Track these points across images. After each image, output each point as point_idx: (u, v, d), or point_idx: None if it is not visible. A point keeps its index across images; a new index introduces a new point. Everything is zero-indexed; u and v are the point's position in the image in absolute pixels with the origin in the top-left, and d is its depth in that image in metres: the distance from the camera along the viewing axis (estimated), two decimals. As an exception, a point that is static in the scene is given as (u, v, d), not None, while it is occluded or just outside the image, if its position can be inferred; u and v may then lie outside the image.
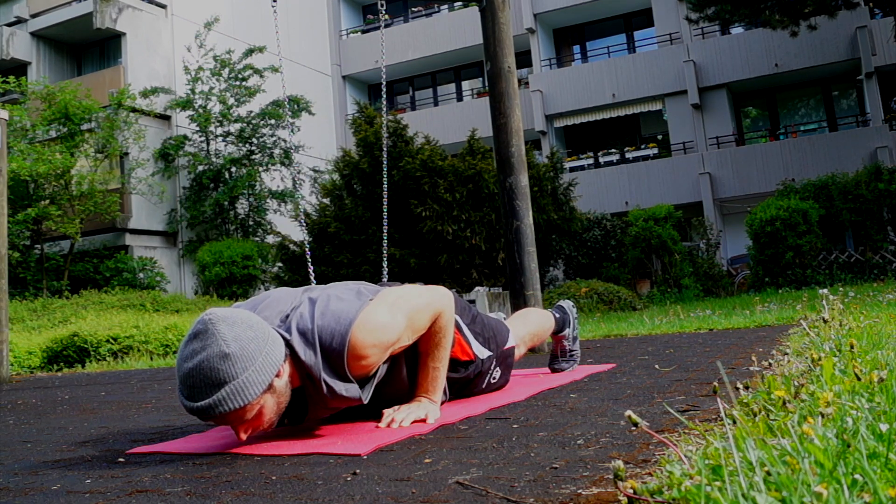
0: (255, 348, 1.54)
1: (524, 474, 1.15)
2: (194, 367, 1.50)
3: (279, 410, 1.62)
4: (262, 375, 1.54)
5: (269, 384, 1.55)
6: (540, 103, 20.30)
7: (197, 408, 1.50)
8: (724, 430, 1.18)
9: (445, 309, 1.85)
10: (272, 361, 1.57)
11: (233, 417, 1.53)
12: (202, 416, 1.52)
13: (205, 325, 1.54)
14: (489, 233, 11.15)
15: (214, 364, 1.49)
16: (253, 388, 1.52)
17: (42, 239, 15.75)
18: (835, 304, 3.45)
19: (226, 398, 1.49)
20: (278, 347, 1.60)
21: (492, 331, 2.26)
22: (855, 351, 1.76)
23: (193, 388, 1.50)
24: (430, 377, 1.86)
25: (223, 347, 1.50)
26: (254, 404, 1.54)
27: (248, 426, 1.57)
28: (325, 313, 1.68)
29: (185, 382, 1.51)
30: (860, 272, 12.41)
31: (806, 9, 14.75)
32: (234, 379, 1.50)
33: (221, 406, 1.49)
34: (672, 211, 14.14)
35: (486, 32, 4.32)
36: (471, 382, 2.20)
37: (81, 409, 3.00)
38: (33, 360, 8.31)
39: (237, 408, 1.51)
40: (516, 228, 4.15)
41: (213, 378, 1.49)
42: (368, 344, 1.66)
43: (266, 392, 1.56)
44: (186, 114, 17.55)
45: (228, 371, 1.49)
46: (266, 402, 1.57)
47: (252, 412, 1.55)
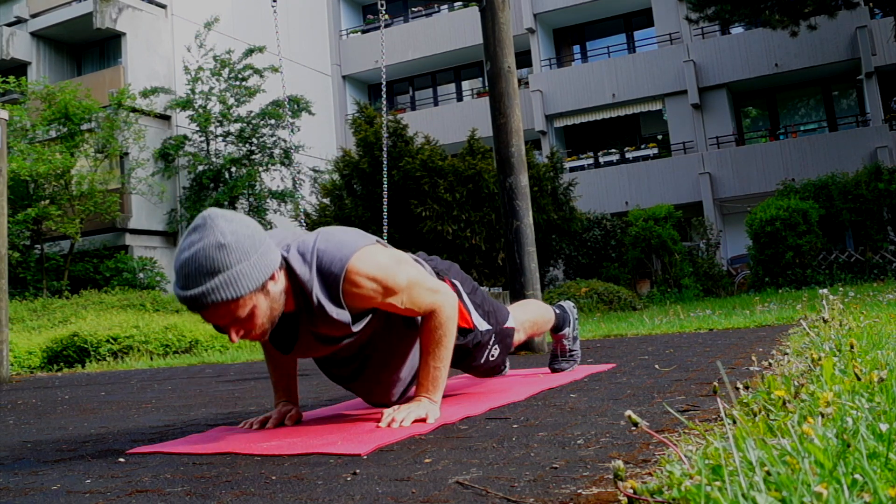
0: (251, 245, 1.57)
1: (524, 474, 1.15)
2: (190, 256, 1.53)
3: (272, 318, 1.64)
4: (257, 272, 1.56)
5: (263, 283, 1.58)
6: (540, 103, 20.30)
7: (190, 296, 1.51)
8: (724, 429, 1.18)
9: (446, 304, 1.85)
10: (267, 262, 1.60)
11: (224, 312, 1.54)
12: (195, 306, 1.53)
13: (203, 219, 1.57)
14: (489, 233, 11.15)
15: (210, 253, 1.52)
16: (246, 281, 1.54)
17: (42, 239, 15.75)
18: (835, 304, 3.45)
19: (219, 287, 1.51)
20: (274, 253, 1.64)
21: (492, 306, 2.27)
22: (855, 351, 1.76)
23: (188, 277, 1.52)
24: (430, 376, 1.86)
25: (220, 238, 1.53)
26: (246, 300, 1.55)
27: (239, 327, 1.59)
28: (328, 240, 1.74)
29: (181, 272, 1.54)
30: (860, 272, 12.41)
31: (806, 9, 14.75)
32: (228, 268, 1.52)
33: (214, 294, 1.51)
34: (672, 211, 14.14)
35: (486, 32, 4.32)
36: (469, 354, 2.19)
37: (81, 409, 3.00)
38: (33, 360, 8.31)
39: (229, 298, 1.52)
40: (516, 228, 4.15)
41: (207, 266, 1.51)
42: (365, 273, 1.70)
43: (260, 291, 1.58)
44: (186, 114, 17.56)
45: (223, 260, 1.52)
46: (259, 303, 1.58)
47: (244, 309, 1.56)
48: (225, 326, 1.59)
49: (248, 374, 4.66)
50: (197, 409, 2.65)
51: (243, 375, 4.54)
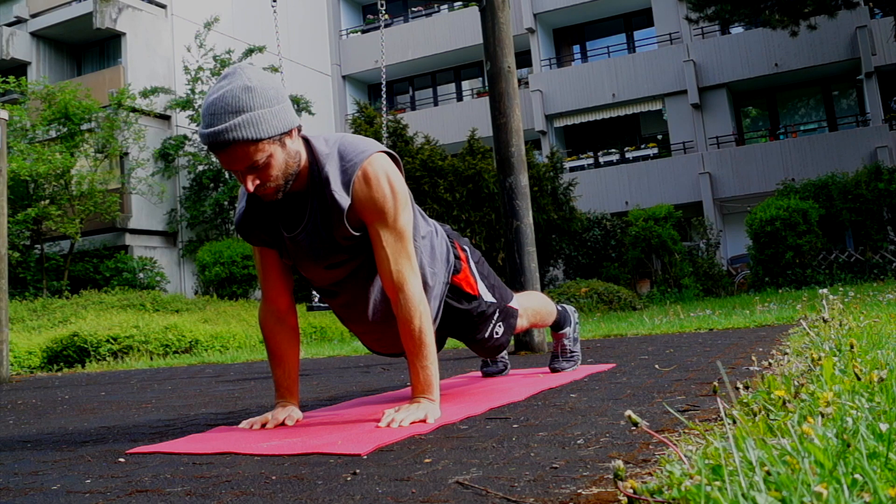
0: (275, 95, 1.67)
1: (524, 474, 1.15)
2: (218, 97, 1.62)
3: (286, 175, 1.71)
4: (278, 121, 1.65)
5: (281, 134, 1.66)
6: (540, 103, 20.30)
7: (213, 131, 1.60)
8: (724, 429, 1.18)
9: (417, 289, 1.83)
10: (288, 117, 1.69)
11: (243, 153, 1.62)
12: (216, 142, 1.61)
13: (233, 69, 1.68)
14: (489, 233, 11.15)
15: (237, 93, 1.62)
16: (268, 125, 1.63)
17: (42, 239, 15.75)
18: (835, 304, 3.45)
19: (241, 125, 1.60)
20: (294, 115, 1.72)
21: (497, 281, 2.30)
22: (855, 351, 1.76)
23: (214, 115, 1.61)
24: (421, 377, 1.85)
25: (247, 82, 1.64)
26: (265, 144, 1.63)
27: (256, 176, 1.66)
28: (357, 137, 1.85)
29: (207, 111, 1.63)
30: (860, 272, 12.41)
31: (806, 8, 14.75)
32: (252, 110, 1.61)
33: (236, 131, 1.59)
34: (672, 211, 14.14)
35: (486, 32, 4.32)
36: (473, 325, 2.19)
37: (81, 409, 3.00)
38: (33, 360, 8.31)
39: (249, 138, 1.60)
40: (516, 228, 4.15)
41: (233, 105, 1.61)
42: (382, 173, 1.78)
43: (277, 142, 1.66)
44: (186, 114, 17.56)
45: (248, 101, 1.62)
46: (276, 153, 1.66)
47: (262, 154, 1.64)
48: (241, 172, 1.66)
49: (248, 374, 4.66)
50: (197, 409, 2.65)
51: (243, 375, 4.54)
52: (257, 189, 1.69)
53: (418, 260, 1.94)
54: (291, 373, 2.04)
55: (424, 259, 2.00)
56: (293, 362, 2.05)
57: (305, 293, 3.94)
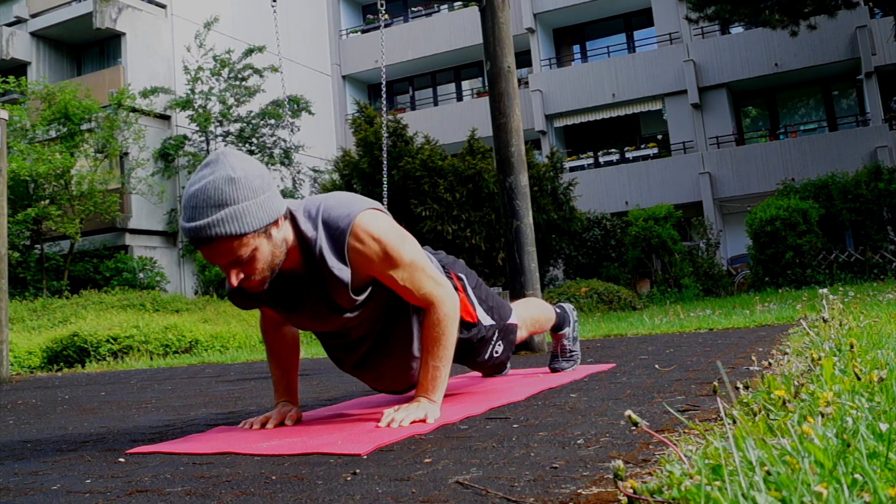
0: (260, 185, 1.58)
1: (524, 474, 1.15)
2: (199, 189, 1.54)
3: (272, 265, 1.64)
4: (263, 212, 1.57)
5: (266, 226, 1.59)
6: (540, 103, 20.30)
7: (195, 226, 1.52)
8: (724, 429, 1.18)
9: (447, 299, 1.84)
10: (274, 206, 1.61)
11: (226, 248, 1.55)
12: (198, 238, 1.53)
13: (216, 156, 1.60)
14: (489, 233, 11.15)
15: (219, 185, 1.54)
16: (252, 219, 1.55)
17: (42, 239, 15.75)
18: (835, 304, 3.45)
19: (224, 220, 1.52)
20: (280, 200, 1.65)
21: (495, 301, 2.27)
22: (855, 350, 1.76)
23: (195, 209, 1.53)
24: (430, 376, 1.85)
25: (230, 172, 1.55)
26: (249, 239, 1.56)
27: (240, 270, 1.59)
28: (337, 199, 1.77)
29: (188, 203, 1.55)
30: (860, 272, 12.41)
31: (806, 8, 14.75)
32: (235, 203, 1.53)
33: (219, 227, 1.52)
34: (672, 211, 14.13)
35: (486, 32, 4.32)
36: (473, 349, 2.19)
37: (81, 409, 3.00)
38: (33, 360, 8.31)
39: (233, 234, 1.53)
40: (516, 228, 4.15)
41: (215, 198, 1.53)
42: (372, 232, 1.71)
43: (263, 234, 1.59)
44: (186, 114, 17.56)
45: (231, 194, 1.53)
46: (261, 246, 1.59)
47: (247, 249, 1.57)
48: (225, 266, 1.59)
49: (248, 374, 4.66)
50: (197, 409, 2.65)
51: (243, 375, 4.54)
52: (241, 283, 1.63)
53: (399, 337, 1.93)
54: (291, 373, 2.04)
55: None
56: (293, 363, 2.05)
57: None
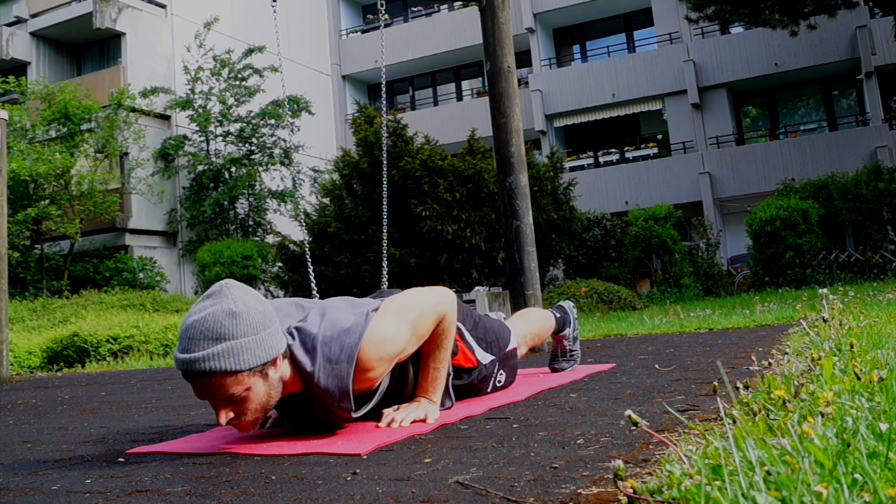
0: (261, 322, 1.53)
1: (524, 474, 1.15)
2: (198, 320, 1.49)
3: (266, 407, 1.58)
4: (261, 351, 1.52)
5: (264, 365, 1.52)
6: (540, 103, 20.29)
7: (189, 358, 1.47)
8: (724, 429, 1.18)
9: (449, 311, 1.85)
10: (273, 344, 1.55)
11: (219, 384, 1.48)
12: (191, 371, 1.47)
13: (220, 287, 1.56)
14: (489, 232, 11.15)
15: (219, 318, 1.49)
16: (249, 357, 1.49)
17: (42, 239, 15.75)
18: (834, 304, 3.45)
19: (220, 354, 1.47)
20: (281, 339, 1.59)
21: (494, 334, 2.26)
22: (855, 350, 1.76)
23: (192, 340, 1.48)
24: (430, 377, 1.86)
25: (232, 306, 1.50)
26: (243, 377, 1.49)
27: (231, 408, 1.53)
28: (332, 325, 1.67)
29: (185, 335, 1.49)
30: (860, 272, 12.41)
31: (806, 8, 14.75)
32: (233, 338, 1.48)
33: (213, 361, 1.46)
34: (672, 210, 14.13)
35: (486, 32, 4.32)
36: (475, 388, 2.20)
37: (81, 409, 3.00)
38: (33, 360, 8.31)
39: (227, 370, 1.47)
40: (516, 228, 4.15)
41: (214, 331, 1.48)
42: (376, 357, 1.65)
43: (258, 373, 1.52)
44: (186, 114, 17.55)
45: (231, 329, 1.48)
46: (256, 386, 1.53)
47: (240, 388, 1.50)
48: (216, 403, 1.52)
49: (248, 373, 4.65)
50: (197, 409, 2.65)
51: (243, 375, 4.53)
52: (230, 422, 1.55)
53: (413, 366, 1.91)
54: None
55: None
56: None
57: (305, 293, 3.94)
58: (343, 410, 1.66)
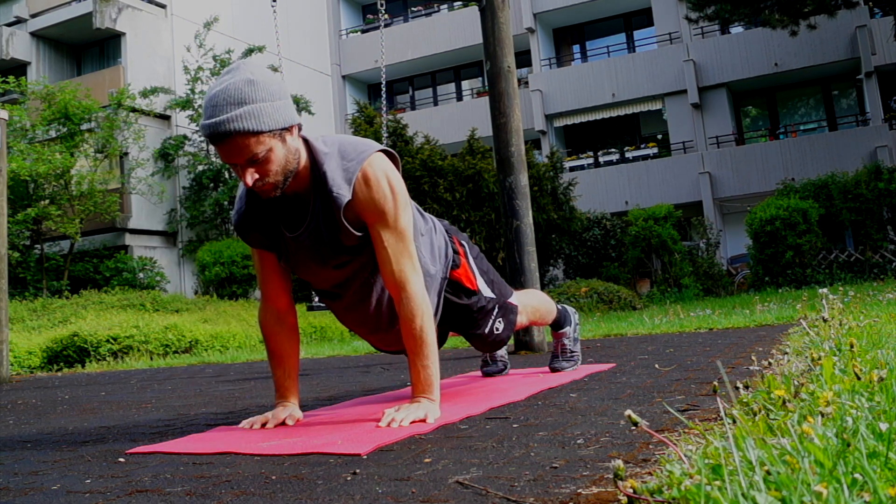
0: (277, 90, 1.68)
1: (524, 474, 1.15)
2: (220, 90, 1.63)
3: (285, 171, 1.71)
4: (280, 115, 1.67)
5: (282, 130, 1.67)
6: (540, 103, 20.29)
7: (214, 122, 1.60)
8: (724, 429, 1.18)
9: (419, 287, 1.84)
10: (290, 113, 1.70)
11: (243, 145, 1.62)
12: (217, 134, 1.61)
13: (237, 63, 1.71)
14: (489, 232, 11.15)
15: (240, 86, 1.63)
16: (269, 118, 1.64)
17: (42, 239, 15.74)
18: (834, 304, 3.45)
19: (243, 115, 1.61)
20: (295, 113, 1.73)
21: (496, 276, 2.31)
22: (855, 350, 1.76)
23: (216, 107, 1.62)
24: (422, 376, 1.85)
25: (249, 75, 1.65)
26: (265, 138, 1.64)
27: (255, 169, 1.66)
28: (357, 139, 1.85)
29: (210, 103, 1.63)
30: (860, 271, 12.41)
31: (806, 8, 14.75)
32: (254, 102, 1.62)
33: (237, 122, 1.60)
34: (672, 210, 14.14)
35: (486, 32, 4.32)
36: (473, 319, 2.20)
37: (81, 409, 3.00)
38: (33, 360, 8.31)
39: (250, 130, 1.61)
40: (516, 228, 4.15)
41: (235, 97, 1.62)
42: (382, 173, 1.79)
43: (278, 136, 1.67)
44: (186, 114, 17.56)
45: (251, 94, 1.63)
46: (276, 148, 1.67)
47: (262, 147, 1.64)
48: (241, 166, 1.66)
49: (248, 374, 4.66)
50: (197, 409, 2.65)
51: (243, 375, 4.54)
52: (255, 184, 1.69)
53: (418, 256, 1.95)
54: (291, 372, 2.04)
55: (424, 255, 2.00)
56: (293, 362, 2.05)
57: (305, 293, 3.96)
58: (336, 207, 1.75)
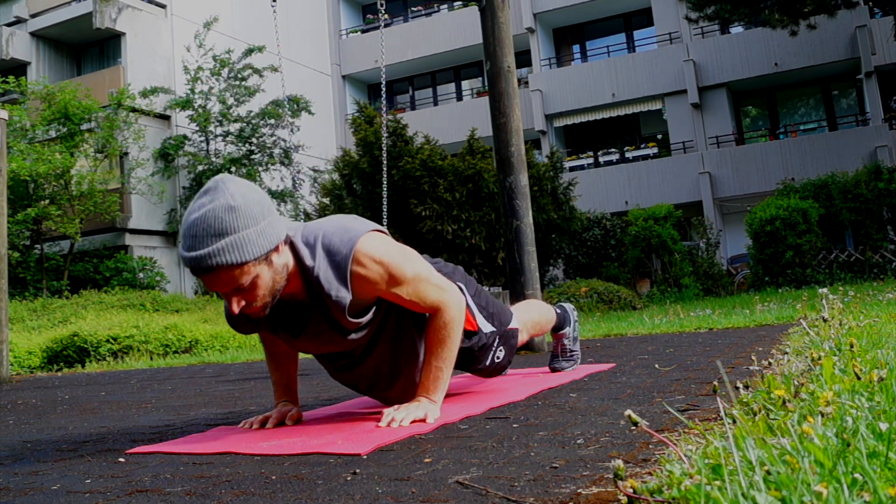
0: (260, 211, 1.58)
1: (524, 474, 1.15)
2: (199, 217, 1.53)
3: (273, 291, 1.63)
4: (263, 240, 1.57)
5: (267, 253, 1.58)
6: (540, 103, 20.29)
7: (195, 256, 1.52)
8: (724, 429, 1.18)
9: (453, 303, 1.84)
10: (274, 232, 1.60)
11: (227, 277, 1.54)
12: (199, 268, 1.53)
13: (215, 183, 1.59)
14: (489, 232, 11.15)
15: (219, 214, 1.53)
16: (252, 247, 1.54)
17: (42, 239, 15.75)
18: (834, 304, 3.45)
19: (224, 249, 1.51)
20: (280, 225, 1.64)
21: (496, 307, 2.27)
22: (855, 350, 1.76)
23: (195, 238, 1.52)
24: (432, 376, 1.85)
25: (230, 201, 1.54)
26: (250, 267, 1.55)
27: (241, 297, 1.59)
28: (335, 224, 1.76)
29: (188, 233, 1.54)
30: (860, 271, 12.41)
31: (806, 8, 14.75)
32: (235, 232, 1.53)
33: (219, 257, 1.51)
34: (672, 210, 14.13)
35: (486, 32, 4.32)
36: (474, 357, 2.19)
37: (81, 409, 3.00)
38: (33, 360, 8.31)
39: (234, 263, 1.52)
40: (516, 228, 4.15)
41: (215, 227, 1.52)
42: (373, 255, 1.70)
43: (264, 262, 1.58)
44: (186, 114, 17.56)
45: (231, 223, 1.53)
46: (262, 273, 1.58)
47: (247, 277, 1.56)
48: (227, 294, 1.59)
49: (248, 374, 4.66)
50: (197, 409, 2.65)
51: (243, 375, 4.54)
52: (243, 310, 1.62)
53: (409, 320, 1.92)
54: (291, 373, 2.04)
55: None
56: (292, 364, 2.05)
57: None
58: (338, 310, 1.69)
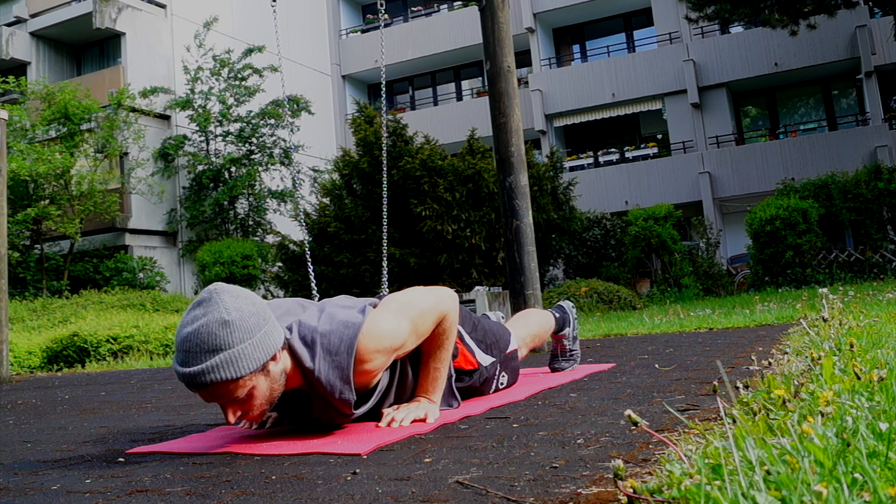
0: (255, 323, 1.54)
1: (524, 474, 1.15)
2: (192, 332, 1.50)
3: (271, 399, 1.60)
4: (259, 352, 1.53)
5: (264, 364, 1.54)
6: (540, 103, 20.29)
7: (189, 373, 1.48)
8: (724, 429, 1.18)
9: (450, 311, 1.85)
10: (270, 342, 1.56)
11: (223, 391, 1.51)
12: (193, 384, 1.50)
13: (209, 293, 1.55)
14: (489, 232, 11.15)
15: (213, 329, 1.49)
16: (248, 361, 1.51)
17: (42, 239, 15.74)
18: (834, 303, 3.45)
19: (219, 366, 1.48)
20: (277, 332, 1.60)
21: (494, 336, 2.26)
22: (855, 350, 1.76)
23: (189, 353, 1.49)
24: (430, 377, 1.87)
25: (224, 315, 1.50)
26: (246, 380, 1.52)
27: (237, 407, 1.55)
28: (331, 319, 1.69)
29: (182, 347, 1.50)
30: (860, 271, 12.41)
31: (805, 8, 14.74)
32: (230, 347, 1.49)
33: (214, 373, 1.48)
34: (672, 210, 14.13)
35: (486, 32, 4.32)
36: (477, 391, 2.20)
37: (81, 409, 3.00)
38: (33, 360, 8.30)
39: (229, 379, 1.49)
40: (516, 228, 4.15)
41: (209, 343, 1.48)
42: (374, 350, 1.66)
43: (260, 372, 1.54)
44: (186, 114, 17.55)
45: (226, 339, 1.49)
46: (259, 384, 1.55)
47: (243, 390, 1.53)
48: (222, 406, 1.56)
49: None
50: (197, 409, 2.65)
51: (243, 375, 4.52)
52: (239, 419, 1.58)
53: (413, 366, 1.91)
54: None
55: None
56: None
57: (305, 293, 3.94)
58: (343, 405, 1.67)
